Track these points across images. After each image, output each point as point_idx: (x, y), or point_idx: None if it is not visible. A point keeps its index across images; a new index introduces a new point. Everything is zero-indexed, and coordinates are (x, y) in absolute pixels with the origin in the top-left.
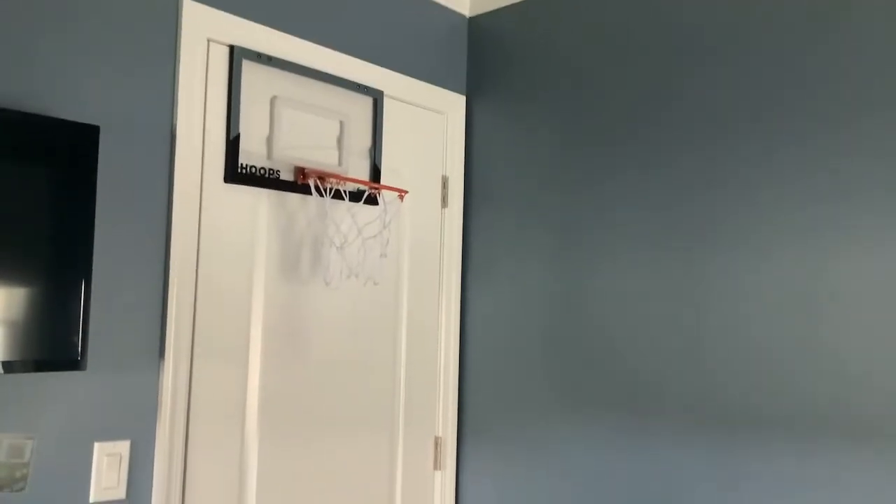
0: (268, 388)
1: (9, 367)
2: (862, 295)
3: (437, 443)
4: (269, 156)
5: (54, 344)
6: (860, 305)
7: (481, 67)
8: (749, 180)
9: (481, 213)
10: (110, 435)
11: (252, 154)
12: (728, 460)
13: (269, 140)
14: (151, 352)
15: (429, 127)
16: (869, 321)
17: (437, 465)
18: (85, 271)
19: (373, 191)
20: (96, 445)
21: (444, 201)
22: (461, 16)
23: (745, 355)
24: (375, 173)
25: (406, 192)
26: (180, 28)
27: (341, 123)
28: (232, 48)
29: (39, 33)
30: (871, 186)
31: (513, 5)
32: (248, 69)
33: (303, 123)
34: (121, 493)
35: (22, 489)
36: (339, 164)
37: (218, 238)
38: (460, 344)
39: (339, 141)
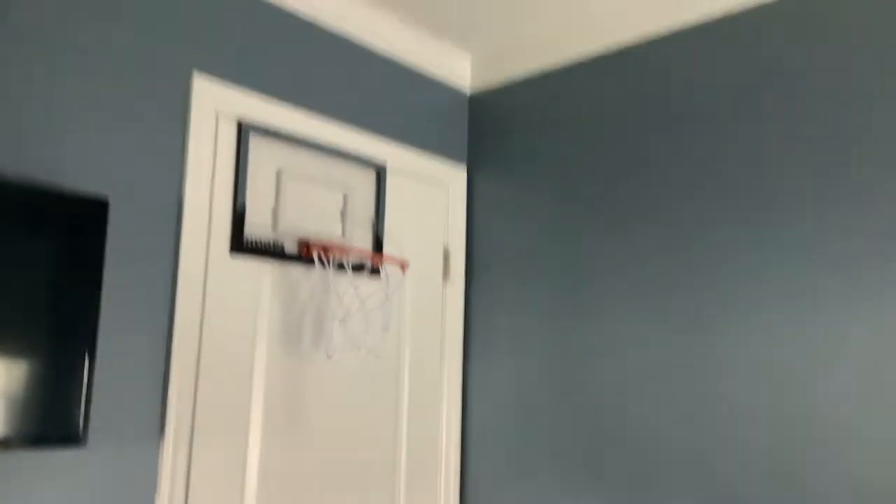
0: (267, 463)
1: (6, 443)
2: (869, 360)
3: None
4: (275, 228)
5: (55, 419)
6: (867, 370)
7: (481, 141)
8: (749, 258)
9: (482, 284)
10: None
11: (257, 226)
12: None
13: (275, 212)
14: (152, 428)
15: (431, 199)
16: (878, 386)
17: None
18: (89, 345)
19: (375, 262)
20: None
21: (446, 273)
22: (462, 93)
23: (748, 432)
24: (378, 244)
25: (407, 264)
26: (190, 102)
27: (345, 196)
28: (240, 123)
29: (52, 102)
30: (882, 255)
31: (510, 84)
32: (256, 142)
33: (307, 195)
34: None
35: None
36: (343, 235)
37: (222, 309)
38: (462, 415)
39: (343, 213)
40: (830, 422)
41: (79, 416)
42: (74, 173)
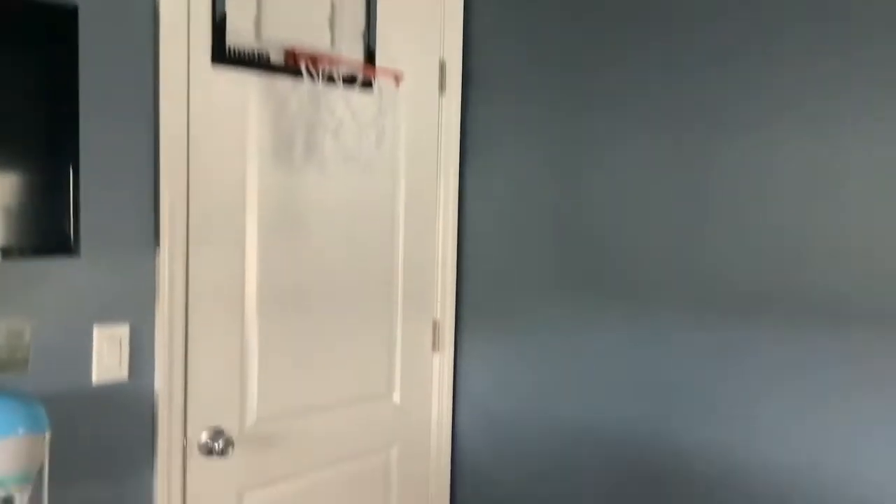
0: (266, 272)
1: (6, 252)
2: (869, 179)
3: (436, 325)
4: (258, 37)
5: (48, 230)
6: (868, 190)
7: None
8: (754, 63)
9: (480, 99)
10: (109, 319)
11: (240, 35)
12: (728, 343)
13: (258, 20)
14: (147, 239)
15: (425, 8)
16: (879, 207)
17: (435, 346)
18: (72, 156)
19: (367, 75)
20: (96, 329)
21: (442, 87)
22: None
23: (747, 241)
24: (370, 57)
25: (402, 76)
26: None
27: (332, 3)
28: None
29: None
30: (881, 71)
31: None
32: None
33: (292, 3)
34: (123, 375)
35: (24, 370)
36: (332, 46)
37: (208, 122)
38: (458, 229)
39: (331, 21)
40: (828, 238)
41: (69, 226)
42: None
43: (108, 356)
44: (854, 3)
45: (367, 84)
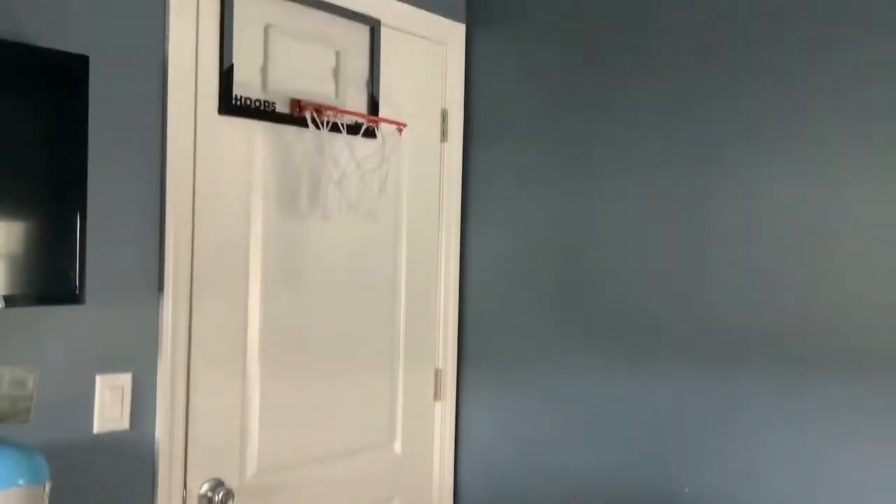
0: (268, 321)
1: (10, 301)
2: (873, 221)
3: (437, 374)
4: (265, 87)
5: (53, 278)
6: (871, 232)
7: None
8: (755, 103)
9: (481, 146)
10: (112, 368)
11: (246, 86)
12: (728, 391)
13: (264, 71)
14: (150, 286)
15: (427, 58)
16: (881, 249)
17: (437, 395)
18: (80, 204)
19: (371, 124)
20: (98, 378)
21: (444, 135)
22: None
23: (748, 284)
24: (373, 106)
25: (404, 124)
26: None
27: (337, 54)
28: None
29: None
30: (886, 110)
31: None
32: None
33: (298, 53)
34: (124, 424)
35: (25, 421)
36: (336, 96)
37: (214, 171)
38: (460, 276)
39: (336, 72)
40: (830, 283)
41: (75, 275)
42: (51, 34)
43: (109, 406)
44: (854, 45)
45: (371, 133)
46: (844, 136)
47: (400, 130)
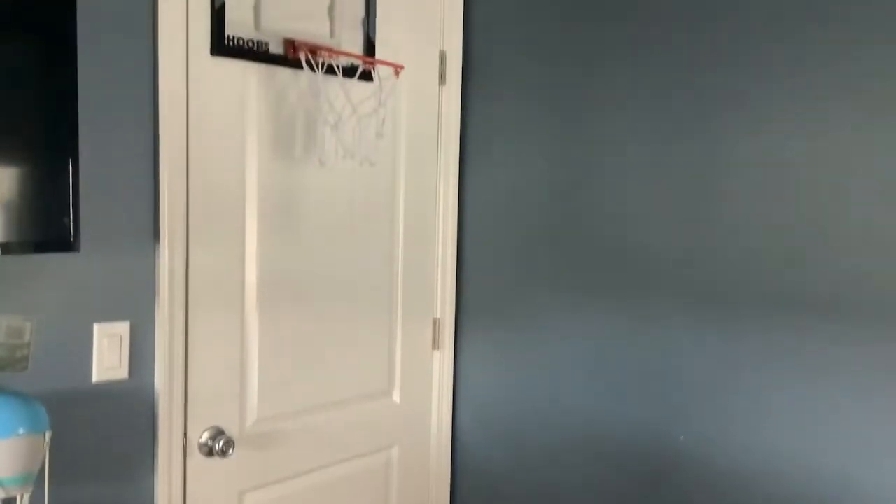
0: (265, 268)
1: (6, 248)
2: (872, 178)
3: (436, 324)
4: (257, 27)
5: (47, 225)
6: (872, 188)
7: None
8: (758, 62)
9: (480, 91)
10: (110, 317)
11: (239, 25)
12: (729, 339)
13: (256, 9)
14: (146, 234)
15: None
16: (882, 206)
17: (435, 345)
18: (72, 151)
19: (367, 66)
20: (96, 327)
21: (442, 78)
22: None
23: (750, 240)
24: (370, 47)
25: (402, 67)
26: None
27: None
28: None
29: None
30: (883, 76)
31: None
32: None
33: None
34: (123, 373)
35: (24, 369)
36: (332, 36)
37: (207, 115)
38: (458, 225)
39: (331, 11)
40: (833, 243)
41: (69, 221)
42: None
43: (108, 354)
44: (854, 8)
45: (367, 75)
46: (849, 95)
47: (397, 73)
